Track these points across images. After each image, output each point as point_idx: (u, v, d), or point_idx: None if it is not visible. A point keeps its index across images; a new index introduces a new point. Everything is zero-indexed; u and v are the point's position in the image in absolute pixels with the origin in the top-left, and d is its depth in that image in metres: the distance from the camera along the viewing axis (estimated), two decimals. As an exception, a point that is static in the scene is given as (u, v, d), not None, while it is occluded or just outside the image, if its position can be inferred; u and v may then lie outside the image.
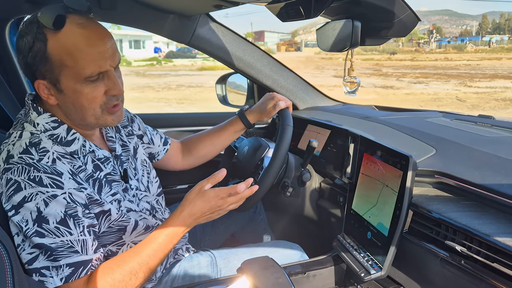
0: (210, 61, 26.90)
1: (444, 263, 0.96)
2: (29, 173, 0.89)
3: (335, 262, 1.34)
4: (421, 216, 1.04)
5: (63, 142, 0.98)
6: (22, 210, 0.87)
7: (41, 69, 0.93)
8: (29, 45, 0.91)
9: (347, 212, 1.31)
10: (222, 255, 1.27)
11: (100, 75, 0.95)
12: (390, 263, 1.07)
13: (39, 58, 0.91)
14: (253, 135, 1.88)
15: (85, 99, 0.95)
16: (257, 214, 1.70)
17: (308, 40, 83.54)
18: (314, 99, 2.01)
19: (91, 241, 0.94)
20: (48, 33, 0.90)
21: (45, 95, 0.96)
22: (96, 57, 0.92)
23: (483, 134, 1.28)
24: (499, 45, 54.92)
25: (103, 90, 0.97)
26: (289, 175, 1.49)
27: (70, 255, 0.89)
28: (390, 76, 18.30)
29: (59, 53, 0.91)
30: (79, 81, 0.93)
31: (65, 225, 0.89)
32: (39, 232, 0.87)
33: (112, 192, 1.05)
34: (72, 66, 0.91)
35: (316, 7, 0.94)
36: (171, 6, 1.46)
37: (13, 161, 0.90)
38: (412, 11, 0.99)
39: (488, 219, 0.91)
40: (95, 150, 1.04)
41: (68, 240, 0.89)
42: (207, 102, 10.74)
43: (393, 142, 1.26)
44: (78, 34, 0.91)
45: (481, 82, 15.86)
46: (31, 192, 0.87)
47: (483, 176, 0.99)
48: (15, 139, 0.96)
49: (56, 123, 0.99)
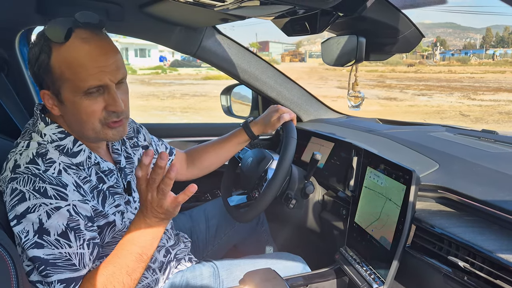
0: (215, 70, 26.91)
1: (447, 279, 0.95)
2: (34, 183, 0.89)
3: (337, 275, 1.34)
4: (424, 231, 1.04)
5: (69, 153, 0.99)
6: (24, 220, 0.88)
7: (45, 79, 0.96)
8: (36, 55, 0.94)
9: (350, 225, 1.31)
10: (225, 266, 1.27)
11: (100, 90, 0.96)
12: (392, 277, 1.07)
13: (43, 69, 0.94)
14: (257, 146, 1.89)
15: (84, 112, 0.96)
16: (259, 225, 1.70)
17: (313, 51, 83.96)
18: (318, 111, 2.02)
19: (88, 255, 0.94)
20: (53, 46, 0.93)
21: (50, 105, 0.98)
22: (95, 71, 0.93)
23: (486, 149, 1.28)
24: (503, 58, 54.99)
25: (103, 105, 0.97)
26: (292, 187, 1.49)
27: (62, 271, 0.88)
28: (394, 88, 18.33)
29: (60, 65, 0.93)
30: (78, 94, 0.94)
31: (66, 238, 0.90)
32: (38, 243, 0.87)
33: (116, 204, 1.06)
34: (71, 79, 0.93)
35: (322, 23, 0.96)
36: (178, 18, 1.49)
37: (19, 171, 0.91)
38: (416, 27, 1.00)
39: (492, 235, 0.91)
40: (100, 162, 1.05)
41: (67, 252, 0.89)
42: (212, 111, 10.78)
43: (396, 156, 1.27)
44: (80, 48, 0.92)
45: (484, 95, 15.87)
46: (34, 203, 0.88)
47: (486, 192, 0.99)
48: (22, 148, 0.97)
49: (63, 134, 1.00)
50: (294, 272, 1.32)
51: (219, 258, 1.35)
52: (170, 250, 1.26)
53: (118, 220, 1.04)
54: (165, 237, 1.27)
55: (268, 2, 0.88)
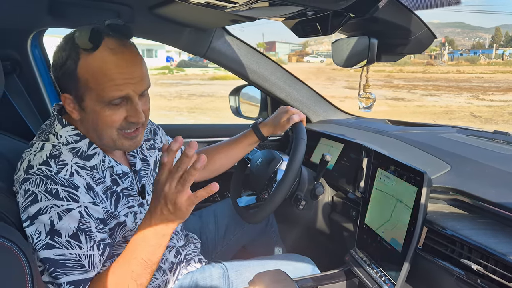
0: (222, 71, 26.99)
1: (459, 281, 0.95)
2: (46, 185, 0.90)
3: (347, 277, 1.33)
4: (435, 233, 1.03)
5: (83, 156, 1.00)
6: (36, 222, 0.89)
7: (69, 85, 0.96)
8: (62, 60, 0.94)
9: (360, 227, 1.31)
10: (234, 267, 1.27)
11: (123, 100, 0.97)
12: (403, 280, 1.07)
13: (68, 74, 0.94)
14: (266, 147, 1.89)
15: (104, 121, 0.97)
16: (268, 227, 1.70)
17: (320, 50, 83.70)
18: (327, 112, 2.02)
19: (98, 257, 0.95)
20: (81, 53, 0.93)
21: (70, 108, 0.99)
22: (121, 83, 0.93)
23: (498, 151, 1.27)
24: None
25: (124, 115, 0.98)
26: (302, 188, 1.49)
27: (72, 273, 0.89)
28: (402, 88, 18.22)
29: (86, 74, 0.93)
30: (101, 103, 0.95)
31: (77, 239, 0.90)
32: (49, 244, 0.88)
33: (129, 205, 1.06)
34: (95, 88, 0.93)
35: (333, 24, 0.96)
36: (188, 20, 1.49)
37: (32, 172, 0.92)
38: (429, 28, 1.00)
39: (505, 238, 0.90)
40: (114, 166, 1.06)
41: (77, 253, 0.90)
42: (219, 111, 10.80)
43: (407, 157, 1.26)
44: (107, 59, 0.93)
45: (494, 95, 15.70)
46: (46, 204, 0.89)
47: (499, 194, 0.98)
48: (37, 149, 0.98)
49: (78, 137, 1.01)
50: (303, 274, 1.31)
51: (228, 259, 1.36)
52: (181, 250, 1.27)
53: (130, 221, 1.05)
54: (176, 238, 1.28)
55: (279, 3, 0.88)
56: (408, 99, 14.24)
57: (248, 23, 1.40)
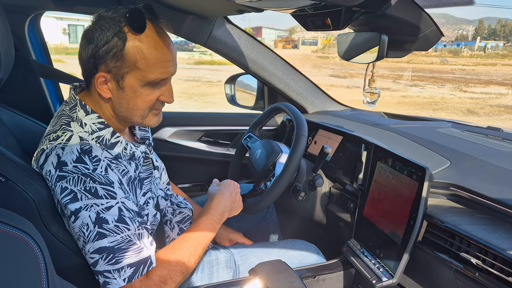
0: (208, 55, 26.76)
1: (458, 274, 0.98)
2: (85, 183, 0.91)
3: (344, 267, 1.36)
4: (435, 227, 1.06)
5: (107, 145, 1.01)
6: (80, 215, 0.90)
7: (109, 63, 0.96)
8: (106, 39, 0.94)
9: (358, 218, 1.33)
10: (240, 253, 1.30)
11: (162, 82, 1.01)
12: (402, 271, 1.10)
13: (113, 54, 0.94)
14: (263, 137, 1.89)
15: (142, 100, 1.00)
16: (269, 214, 1.72)
17: (306, 38, 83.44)
18: (324, 103, 2.03)
19: (147, 235, 0.98)
20: (129, 34, 0.94)
21: (101, 87, 0.99)
22: (164, 65, 0.98)
23: (495, 147, 1.30)
24: (494, 51, 55.31)
25: (158, 95, 1.02)
26: (300, 179, 1.50)
27: (129, 255, 0.91)
28: (386, 78, 18.37)
29: (135, 54, 0.94)
30: (142, 83, 0.98)
31: (123, 222, 0.93)
32: (100, 233, 0.90)
33: (146, 189, 1.10)
34: (142, 68, 0.96)
35: (345, 19, 0.96)
36: (193, 7, 1.46)
37: (67, 170, 0.92)
38: (437, 26, 1.01)
39: (504, 234, 0.93)
40: (135, 152, 1.08)
41: (127, 235, 0.92)
42: (205, 96, 10.70)
43: (407, 152, 1.28)
44: (155, 41, 0.96)
45: (476, 87, 16.00)
46: (87, 203, 0.91)
47: (499, 190, 1.01)
48: (62, 142, 0.97)
49: (102, 125, 1.02)
50: (308, 261, 1.35)
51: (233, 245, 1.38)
52: None
53: (151, 208, 1.09)
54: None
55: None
56: (393, 89, 14.38)
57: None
